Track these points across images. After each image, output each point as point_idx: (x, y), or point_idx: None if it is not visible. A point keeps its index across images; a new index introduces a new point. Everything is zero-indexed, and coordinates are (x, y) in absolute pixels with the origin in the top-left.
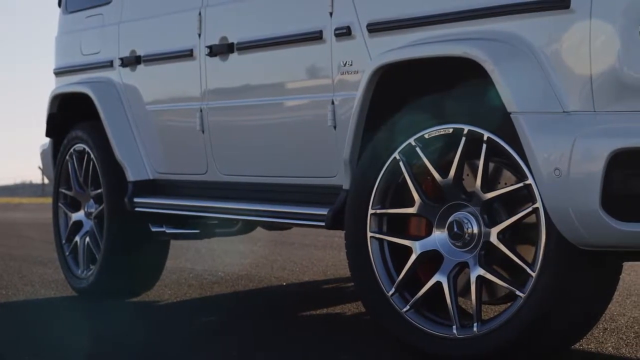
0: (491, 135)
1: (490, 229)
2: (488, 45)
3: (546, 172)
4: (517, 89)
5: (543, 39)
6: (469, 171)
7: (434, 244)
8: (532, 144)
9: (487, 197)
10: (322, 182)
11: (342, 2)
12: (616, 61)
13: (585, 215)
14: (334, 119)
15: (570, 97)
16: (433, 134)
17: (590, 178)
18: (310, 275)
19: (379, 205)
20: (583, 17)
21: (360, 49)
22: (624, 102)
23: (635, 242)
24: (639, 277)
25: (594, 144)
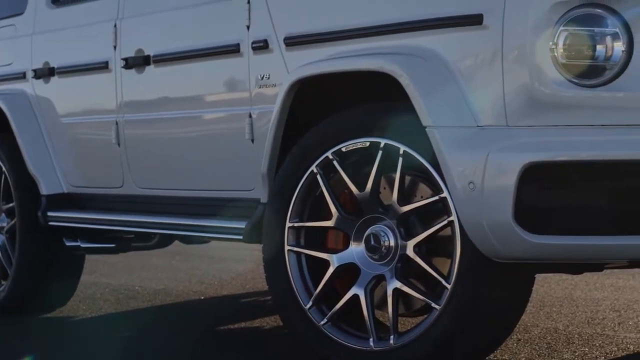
0: (407, 149)
1: (406, 242)
2: (404, 60)
3: (461, 186)
4: (432, 104)
5: (457, 54)
6: (386, 184)
7: (351, 257)
8: (446, 158)
9: (403, 211)
10: (239, 196)
11: (260, 15)
12: (528, 77)
13: (498, 228)
14: (252, 132)
15: (484, 111)
16: (350, 148)
17: (503, 191)
18: (228, 289)
19: (297, 219)
20: (495, 33)
21: (277, 62)
22: (535, 117)
23: (546, 254)
24: (552, 288)
25: (506, 158)
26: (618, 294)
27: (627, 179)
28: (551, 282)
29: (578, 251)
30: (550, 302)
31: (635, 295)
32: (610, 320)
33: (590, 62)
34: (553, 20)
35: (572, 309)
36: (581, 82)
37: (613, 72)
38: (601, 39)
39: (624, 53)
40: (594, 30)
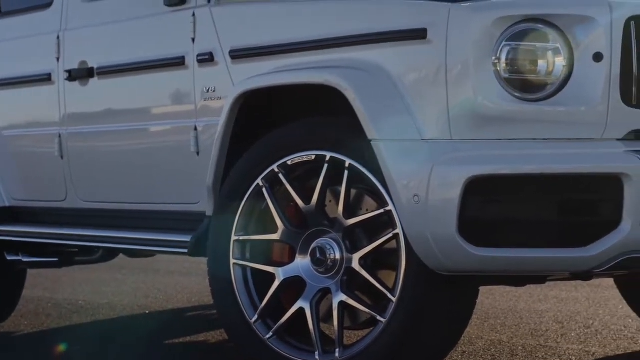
0: (353, 162)
1: (352, 255)
2: (349, 73)
3: (405, 199)
4: (377, 117)
5: (402, 69)
6: (332, 197)
7: (296, 271)
8: (391, 171)
9: (349, 224)
10: (185, 209)
11: (205, 28)
12: (471, 91)
13: (443, 241)
14: (197, 145)
15: (428, 125)
16: (296, 161)
17: (448, 204)
18: (174, 302)
19: (242, 232)
20: (439, 47)
21: (223, 75)
22: (479, 131)
23: (490, 266)
24: (496, 300)
25: (450, 171)
26: (561, 305)
27: (569, 192)
28: (496, 294)
29: (521, 264)
30: (495, 314)
31: (577, 307)
32: (554, 332)
33: (532, 76)
34: (496, 35)
35: (516, 320)
36: (523, 96)
37: (554, 86)
38: (543, 54)
39: (565, 68)
40: (535, 45)
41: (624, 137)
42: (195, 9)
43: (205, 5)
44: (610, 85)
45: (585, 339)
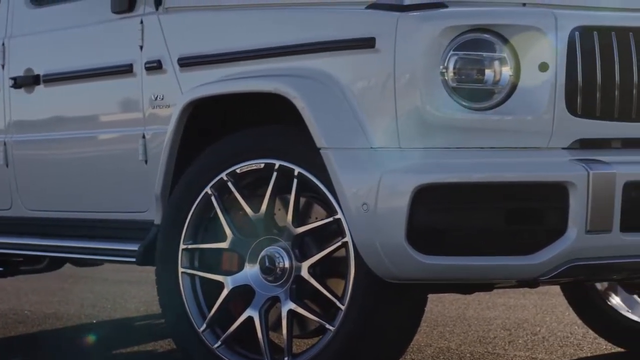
0: (302, 171)
1: (301, 263)
2: (298, 82)
3: (354, 207)
4: (326, 125)
5: (351, 77)
6: (281, 206)
7: (245, 279)
8: (340, 179)
9: (298, 232)
10: (133, 217)
11: (153, 35)
12: (419, 100)
13: (391, 249)
14: (145, 153)
15: (377, 133)
16: (245, 169)
17: (396, 213)
18: (122, 312)
19: (191, 241)
20: (388, 56)
21: (171, 83)
22: (427, 140)
23: (438, 274)
24: (445, 308)
25: (399, 180)
26: (509, 312)
27: (516, 201)
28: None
29: (468, 271)
30: (444, 321)
31: (525, 314)
32: (501, 339)
33: (479, 86)
34: (443, 44)
35: (465, 328)
36: (471, 105)
37: (501, 95)
38: (490, 64)
39: (511, 77)
40: (482, 55)
41: (570, 146)
42: (143, 17)
43: (153, 13)
44: (555, 94)
45: (533, 346)
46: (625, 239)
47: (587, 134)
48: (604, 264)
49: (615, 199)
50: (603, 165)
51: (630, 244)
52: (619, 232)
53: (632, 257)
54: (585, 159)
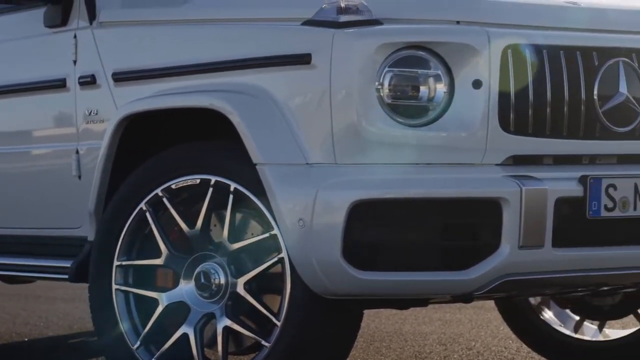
0: (238, 186)
1: (237, 279)
2: (234, 97)
3: (290, 223)
4: (262, 141)
5: (287, 93)
6: (217, 222)
7: (180, 296)
8: (276, 195)
9: (234, 248)
10: (66, 234)
11: (86, 50)
12: (355, 116)
13: (327, 264)
14: (79, 169)
15: (313, 149)
16: (180, 185)
17: (332, 228)
18: (55, 329)
19: (125, 257)
20: (324, 73)
21: (105, 98)
22: (363, 155)
23: (374, 290)
24: (382, 323)
25: (335, 195)
26: (445, 327)
27: (450, 216)
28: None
29: (403, 287)
30: (380, 337)
31: (461, 329)
32: (437, 353)
33: (414, 102)
34: (378, 61)
35: (401, 343)
36: (406, 121)
37: (436, 112)
38: (424, 81)
39: (446, 94)
40: (417, 71)
41: (503, 162)
42: (76, 31)
43: (87, 27)
44: (489, 111)
45: None
46: (557, 254)
47: (519, 150)
48: (537, 279)
49: (547, 215)
50: (535, 182)
51: (561, 259)
52: (551, 248)
53: (563, 272)
54: (518, 175)
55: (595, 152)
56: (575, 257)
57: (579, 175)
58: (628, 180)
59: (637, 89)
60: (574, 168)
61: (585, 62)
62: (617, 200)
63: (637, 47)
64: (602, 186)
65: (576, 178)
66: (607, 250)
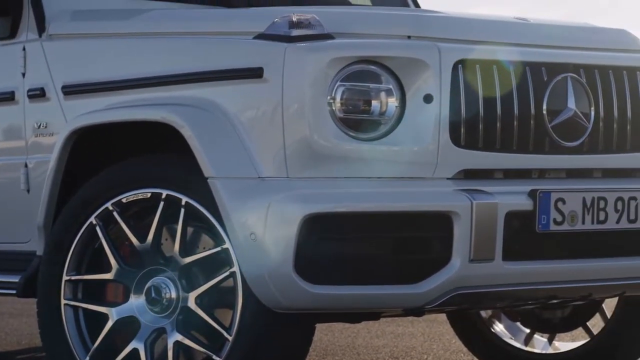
0: (189, 200)
1: (188, 294)
2: (186, 111)
3: (242, 237)
4: (213, 155)
5: (239, 107)
6: (168, 236)
7: (131, 310)
8: (228, 209)
9: (185, 262)
10: (14, 248)
11: (36, 63)
12: (307, 130)
13: (279, 278)
14: (27, 183)
15: (265, 163)
16: (131, 199)
17: (284, 242)
18: (3, 345)
19: (74, 272)
20: (276, 86)
21: (55, 111)
22: (315, 169)
23: (326, 304)
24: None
25: (287, 209)
26: (397, 341)
27: (402, 230)
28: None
29: (355, 301)
30: (333, 350)
31: (413, 342)
32: None
33: (366, 116)
34: (330, 75)
35: (354, 357)
36: (358, 135)
37: (387, 126)
38: (376, 95)
39: (397, 108)
40: (369, 86)
41: (454, 176)
42: (25, 43)
43: (36, 40)
44: (440, 126)
45: None
46: (507, 267)
47: (470, 164)
48: (487, 292)
49: (498, 229)
50: (486, 196)
51: (512, 272)
52: (501, 261)
53: (513, 286)
54: (469, 189)
55: (544, 167)
56: (525, 270)
57: (529, 190)
58: (576, 194)
59: (584, 104)
60: (523, 182)
61: (534, 78)
62: (565, 214)
63: (584, 62)
64: (551, 200)
65: (526, 192)
66: (556, 264)
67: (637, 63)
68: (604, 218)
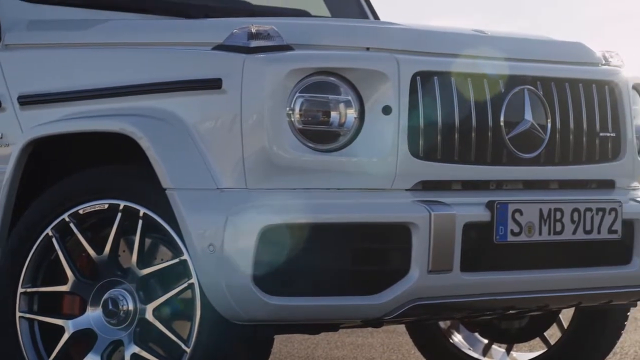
0: (147, 211)
1: (145, 306)
2: (144, 122)
3: (200, 248)
4: (172, 166)
5: (198, 118)
6: (126, 247)
7: (87, 323)
8: (186, 220)
9: (143, 274)
10: None
11: None
12: (266, 141)
13: (237, 290)
14: None
15: (224, 174)
16: (88, 210)
17: (243, 253)
18: None
19: (30, 284)
20: (234, 98)
21: (11, 121)
22: (274, 180)
23: (284, 315)
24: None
25: (245, 221)
26: (357, 352)
27: (361, 241)
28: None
29: (314, 312)
30: None
31: (372, 353)
32: None
33: (325, 127)
34: (289, 86)
35: None
36: (317, 146)
37: (346, 137)
38: (335, 106)
39: (356, 120)
40: (328, 97)
41: (412, 188)
42: None
43: None
44: (398, 137)
45: None
46: (465, 278)
47: (429, 176)
48: (446, 303)
49: (456, 240)
50: (444, 207)
51: (470, 283)
52: (460, 272)
53: (471, 296)
54: (427, 200)
55: (502, 178)
56: (483, 281)
57: (487, 201)
58: (533, 205)
59: (541, 116)
60: (481, 193)
61: (492, 90)
62: (523, 225)
63: (541, 75)
64: (509, 211)
65: (483, 203)
66: (513, 274)
67: (592, 75)
68: (561, 229)
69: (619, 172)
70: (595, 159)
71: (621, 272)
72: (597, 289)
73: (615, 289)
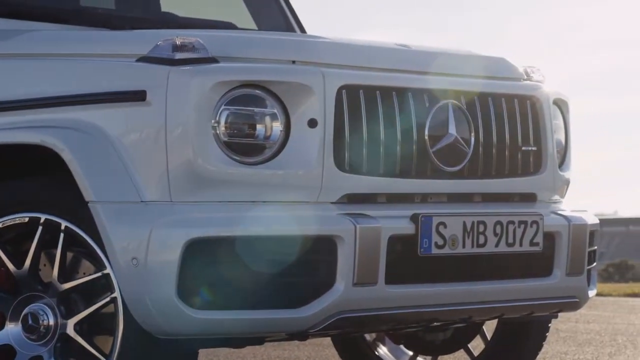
0: (69, 225)
1: (67, 320)
2: (66, 134)
3: (124, 262)
4: (94, 179)
5: (122, 130)
6: (47, 261)
7: (6, 338)
8: (109, 233)
9: (64, 288)
10: None
11: None
12: (191, 153)
13: (161, 304)
14: None
15: (148, 187)
16: (8, 223)
17: (167, 267)
18: None
19: None
20: (159, 110)
21: None
22: (199, 193)
23: (209, 329)
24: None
25: (170, 234)
26: None
27: (286, 254)
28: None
29: (239, 325)
30: None
31: None
32: None
33: (251, 140)
34: (215, 99)
35: None
36: (242, 159)
37: (272, 150)
38: (260, 119)
39: (282, 133)
40: (254, 110)
41: (338, 201)
42: None
43: None
44: (324, 150)
45: None
46: (390, 291)
47: (354, 189)
48: (371, 316)
49: (381, 253)
50: (369, 220)
51: (394, 295)
52: (384, 285)
53: (396, 309)
54: (353, 213)
55: (426, 191)
56: (408, 293)
57: (411, 214)
58: (457, 218)
59: (465, 130)
60: (406, 206)
61: (416, 104)
62: (447, 238)
63: (465, 89)
64: (433, 224)
65: (408, 216)
66: (437, 287)
67: (515, 90)
68: (484, 242)
69: (541, 185)
70: (518, 173)
71: (542, 284)
72: (519, 300)
73: (537, 301)
